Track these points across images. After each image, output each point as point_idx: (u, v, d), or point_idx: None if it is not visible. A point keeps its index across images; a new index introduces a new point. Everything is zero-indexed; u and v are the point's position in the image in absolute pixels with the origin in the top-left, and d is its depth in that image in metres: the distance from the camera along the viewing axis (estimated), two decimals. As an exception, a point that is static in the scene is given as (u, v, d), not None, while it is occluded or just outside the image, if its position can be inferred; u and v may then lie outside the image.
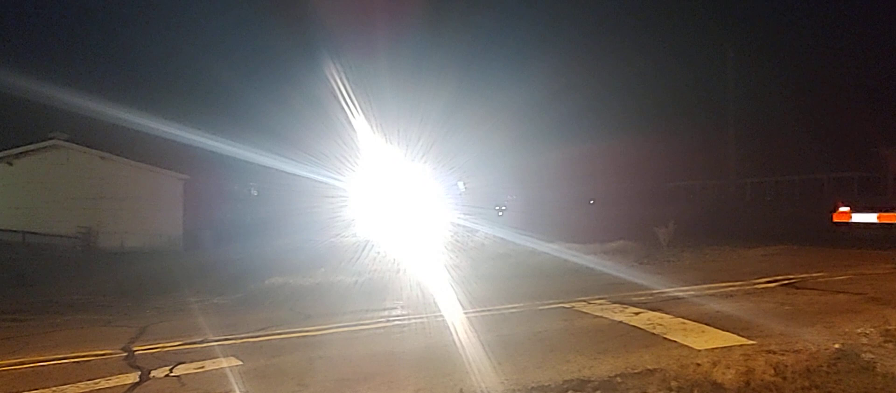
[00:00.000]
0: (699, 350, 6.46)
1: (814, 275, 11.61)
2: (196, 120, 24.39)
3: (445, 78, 27.40)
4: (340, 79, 20.52)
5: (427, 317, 8.91)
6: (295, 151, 25.77)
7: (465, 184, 26.43)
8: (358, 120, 21.18)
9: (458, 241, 21.32)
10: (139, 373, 6.24)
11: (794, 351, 6.13)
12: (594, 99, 32.57)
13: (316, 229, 25.54)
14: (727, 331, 7.17)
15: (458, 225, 23.53)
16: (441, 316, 8.88)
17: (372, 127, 21.80)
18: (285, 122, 28.53)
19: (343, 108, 20.64)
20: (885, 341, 6.46)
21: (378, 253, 17.19)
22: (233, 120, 28.77)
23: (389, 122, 22.55)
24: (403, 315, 9.19)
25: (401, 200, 22.55)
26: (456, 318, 8.64)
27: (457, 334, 7.63)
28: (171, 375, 6.17)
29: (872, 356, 5.92)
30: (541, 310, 9.31)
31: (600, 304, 9.36)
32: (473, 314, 8.76)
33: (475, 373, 5.87)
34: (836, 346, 6.29)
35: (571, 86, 31.15)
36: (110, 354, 7.12)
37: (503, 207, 26.31)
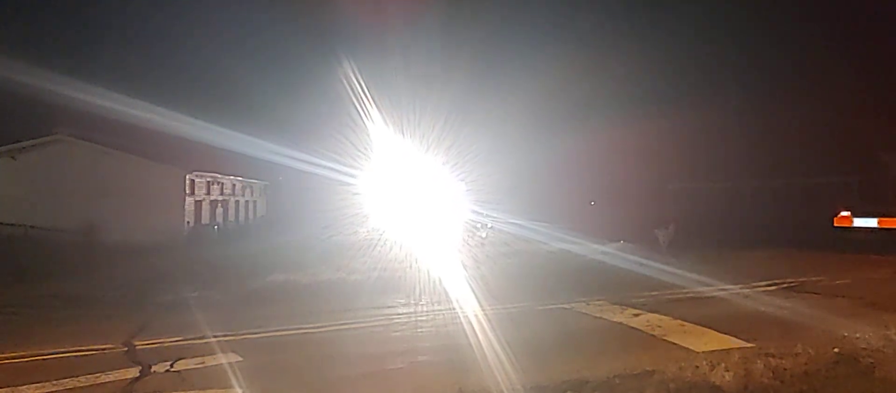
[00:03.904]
0: (698, 352, 6.47)
1: (814, 279, 11.61)
2: (204, 115, 24.42)
3: (450, 80, 27.42)
4: (354, 75, 20.48)
5: (426, 316, 8.94)
6: (301, 147, 25.82)
7: (467, 183, 26.41)
8: (368, 115, 21.13)
9: (460, 239, 21.37)
10: (140, 368, 6.27)
11: (793, 354, 6.13)
12: (596, 100, 32.59)
13: (320, 226, 25.60)
14: (726, 333, 7.18)
15: (461, 223, 23.57)
16: (441, 315, 8.92)
17: (380, 123, 21.76)
18: (293, 117, 28.61)
19: (355, 104, 20.58)
20: (885, 346, 6.46)
21: (380, 251, 17.26)
22: (242, 115, 28.81)
23: (397, 121, 22.56)
24: (403, 314, 9.22)
25: (405, 198, 22.58)
26: (455, 317, 8.66)
27: (456, 334, 7.66)
28: (172, 370, 6.20)
29: (871, 361, 5.93)
30: (540, 310, 9.33)
31: (600, 305, 9.37)
32: (473, 314, 8.77)
33: (474, 372, 5.89)
34: (835, 350, 6.30)
35: (574, 86, 31.16)
36: (111, 348, 7.15)
37: (488, 227, 24.39)
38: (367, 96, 20.76)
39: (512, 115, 29.85)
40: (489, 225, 23.76)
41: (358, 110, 20.89)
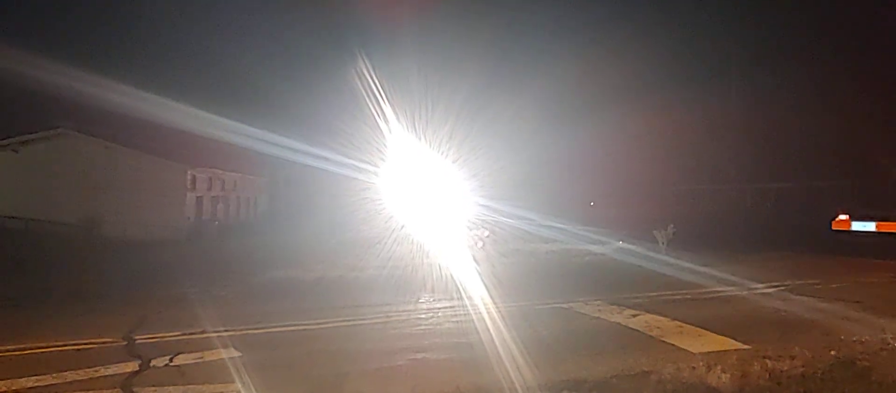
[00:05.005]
0: (695, 353, 6.49)
1: (811, 282, 11.63)
2: (208, 110, 24.36)
3: (461, 77, 27.40)
4: (365, 68, 20.32)
5: (425, 314, 8.96)
6: (308, 142, 25.75)
7: (476, 179, 26.33)
8: (378, 110, 20.96)
9: (467, 236, 21.38)
10: (139, 362, 6.29)
11: (790, 357, 6.16)
12: (599, 101, 32.62)
13: (326, 222, 25.62)
14: (724, 335, 7.21)
15: (468, 220, 23.55)
16: (439, 314, 8.94)
17: (391, 118, 21.65)
18: (300, 112, 28.54)
19: (365, 98, 20.39)
20: (881, 349, 6.49)
21: (386, 248, 17.28)
22: (247, 110, 28.72)
23: (407, 116, 22.45)
24: (401, 312, 9.24)
25: (415, 194, 22.54)
26: (455, 315, 8.69)
27: (455, 332, 7.69)
28: (171, 364, 6.23)
29: (868, 364, 5.95)
30: (539, 309, 9.35)
31: (598, 305, 9.40)
32: (473, 313, 8.81)
33: (472, 370, 5.92)
34: (832, 352, 6.32)
35: (579, 86, 31.22)
36: (111, 342, 7.18)
37: (487, 234, 24.25)
38: (377, 90, 20.60)
39: (518, 113, 29.86)
40: (487, 233, 23.73)
41: (368, 104, 20.74)
